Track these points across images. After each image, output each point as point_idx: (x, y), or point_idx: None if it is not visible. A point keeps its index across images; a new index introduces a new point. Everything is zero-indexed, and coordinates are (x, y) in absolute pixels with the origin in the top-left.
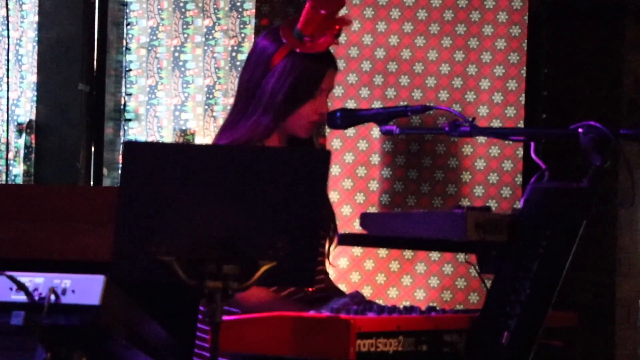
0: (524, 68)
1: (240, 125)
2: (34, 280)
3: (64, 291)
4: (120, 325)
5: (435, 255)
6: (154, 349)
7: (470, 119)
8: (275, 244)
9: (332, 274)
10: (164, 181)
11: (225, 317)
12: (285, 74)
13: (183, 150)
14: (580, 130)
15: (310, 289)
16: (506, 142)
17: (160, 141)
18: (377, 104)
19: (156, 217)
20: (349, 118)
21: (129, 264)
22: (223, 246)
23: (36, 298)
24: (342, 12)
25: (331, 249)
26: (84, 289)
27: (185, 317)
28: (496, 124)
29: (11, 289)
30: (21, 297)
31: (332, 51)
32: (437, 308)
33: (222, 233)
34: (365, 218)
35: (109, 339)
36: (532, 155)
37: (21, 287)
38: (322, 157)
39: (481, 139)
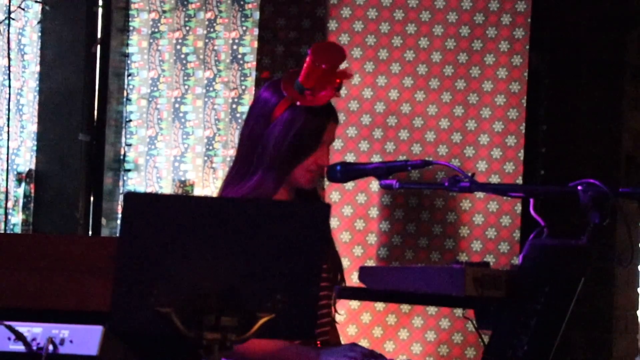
0: (523, 124)
1: (246, 182)
2: (32, 330)
3: (62, 341)
4: None
5: (432, 309)
6: None
7: (470, 175)
8: (274, 296)
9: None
10: (164, 232)
11: None
12: (287, 126)
13: (183, 201)
14: (579, 188)
15: (317, 340)
16: (505, 197)
17: (160, 192)
18: (376, 158)
19: (155, 268)
20: (348, 172)
21: (128, 314)
22: (222, 298)
23: (34, 348)
24: (343, 65)
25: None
26: (82, 339)
27: None
28: (495, 179)
29: (9, 338)
30: (19, 347)
31: (333, 104)
32: None
33: (220, 285)
34: (363, 271)
35: None
36: (532, 212)
37: (19, 337)
38: (322, 210)
39: (480, 194)
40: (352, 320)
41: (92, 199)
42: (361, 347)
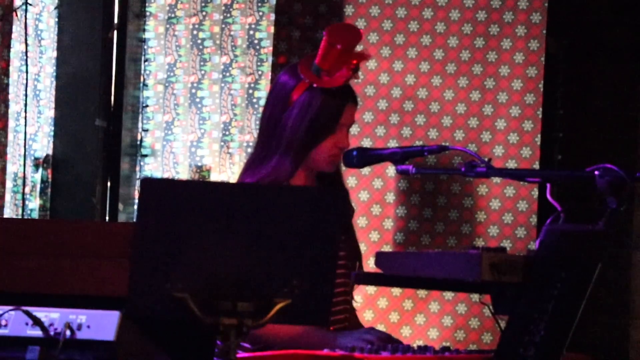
0: (540, 109)
1: (264, 165)
2: (50, 315)
3: (79, 326)
4: None
5: (449, 294)
6: None
7: (487, 160)
8: (291, 282)
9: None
10: (180, 218)
11: (240, 354)
12: (305, 109)
13: (199, 187)
14: (596, 172)
15: (332, 328)
16: (521, 182)
17: (176, 177)
18: (392, 143)
19: (172, 253)
20: (365, 157)
21: (144, 299)
22: (238, 283)
23: (52, 333)
24: (360, 50)
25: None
26: (99, 324)
27: (202, 354)
28: (511, 164)
29: (27, 323)
30: (37, 332)
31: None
32: (451, 348)
33: (237, 270)
34: (380, 257)
35: None
36: (548, 197)
37: (37, 322)
38: (339, 196)
39: (496, 179)
40: (368, 305)
41: (109, 184)
42: (379, 331)
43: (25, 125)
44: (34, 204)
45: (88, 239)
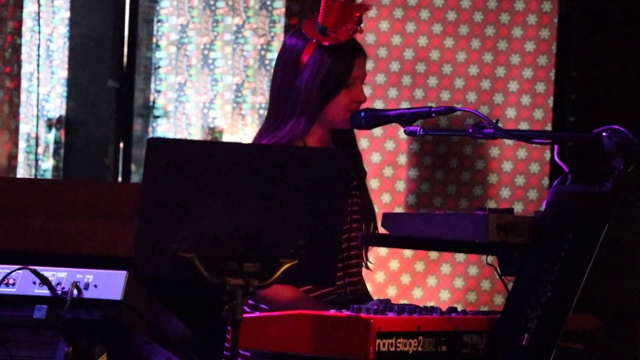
0: (553, 71)
1: (279, 130)
2: (57, 274)
3: (86, 286)
4: (142, 321)
5: (460, 256)
6: (174, 345)
7: (495, 121)
8: (297, 243)
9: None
10: (187, 178)
11: (247, 315)
12: (316, 68)
13: (206, 147)
14: (604, 134)
15: (348, 289)
16: (533, 144)
17: (188, 138)
18: (405, 105)
19: (178, 213)
20: (373, 118)
21: (151, 259)
22: (244, 244)
23: (59, 292)
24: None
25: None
26: (106, 284)
27: (208, 314)
28: (524, 126)
29: (34, 282)
30: (44, 291)
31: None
32: (458, 309)
33: (243, 231)
34: (386, 218)
35: (130, 334)
36: (556, 158)
37: (44, 281)
38: (344, 157)
39: (508, 141)
40: (380, 267)
41: (121, 145)
42: (383, 300)
43: (38, 85)
44: (47, 164)
45: (96, 199)
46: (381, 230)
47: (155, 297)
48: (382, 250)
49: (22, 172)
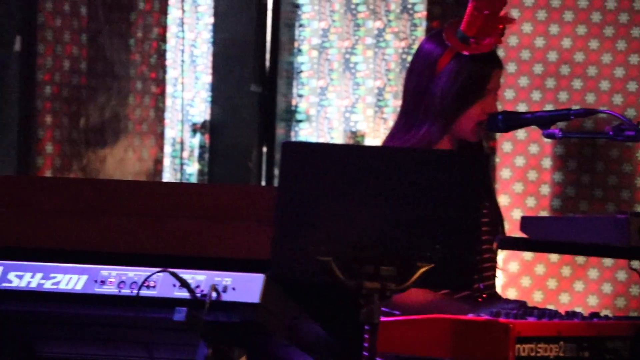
0: None
1: (411, 134)
2: (196, 277)
3: (225, 288)
4: (279, 324)
5: (608, 261)
6: (312, 348)
7: (638, 123)
8: (434, 246)
9: (502, 278)
10: (322, 181)
11: (383, 318)
12: (453, 77)
13: (340, 150)
14: None
15: (484, 295)
16: None
17: (331, 142)
18: (549, 107)
19: (314, 217)
20: (510, 121)
21: (288, 263)
22: (380, 247)
23: (198, 295)
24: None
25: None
26: (245, 286)
27: (345, 317)
28: None
29: (174, 285)
30: (184, 294)
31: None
32: (601, 314)
33: (379, 234)
34: (525, 222)
35: (268, 336)
36: None
37: (184, 284)
38: (481, 160)
39: None
40: (525, 271)
41: (264, 149)
42: (519, 301)
43: (183, 90)
44: (192, 168)
45: (235, 203)
46: (520, 233)
47: (292, 299)
48: (527, 255)
49: (168, 176)
